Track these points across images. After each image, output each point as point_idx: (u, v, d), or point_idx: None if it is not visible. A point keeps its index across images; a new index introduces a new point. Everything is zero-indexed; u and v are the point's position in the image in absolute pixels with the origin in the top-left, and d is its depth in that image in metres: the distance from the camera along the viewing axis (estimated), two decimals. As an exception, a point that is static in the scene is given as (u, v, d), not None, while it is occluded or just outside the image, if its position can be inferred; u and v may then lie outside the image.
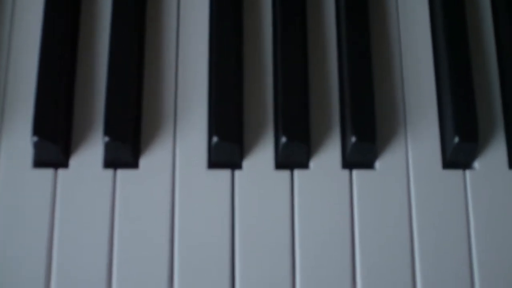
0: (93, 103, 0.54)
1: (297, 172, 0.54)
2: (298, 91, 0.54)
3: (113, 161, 0.53)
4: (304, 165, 0.54)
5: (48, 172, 0.53)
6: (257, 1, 0.58)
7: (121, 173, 0.53)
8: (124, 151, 0.52)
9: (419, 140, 0.55)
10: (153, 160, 0.53)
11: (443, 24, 0.56)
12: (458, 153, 0.53)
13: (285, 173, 0.54)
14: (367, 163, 0.54)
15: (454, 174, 0.54)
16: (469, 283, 0.52)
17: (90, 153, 0.53)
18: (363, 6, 0.56)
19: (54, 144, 0.52)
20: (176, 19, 0.57)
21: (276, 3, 0.57)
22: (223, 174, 0.53)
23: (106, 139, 0.51)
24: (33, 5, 0.57)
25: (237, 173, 0.53)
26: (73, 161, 0.53)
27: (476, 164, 0.55)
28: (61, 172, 0.53)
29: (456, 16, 0.56)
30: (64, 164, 0.53)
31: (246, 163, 0.54)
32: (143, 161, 0.53)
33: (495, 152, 0.55)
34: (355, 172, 0.54)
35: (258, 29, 0.57)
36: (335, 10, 0.58)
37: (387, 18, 0.58)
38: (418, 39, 0.58)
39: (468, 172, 0.54)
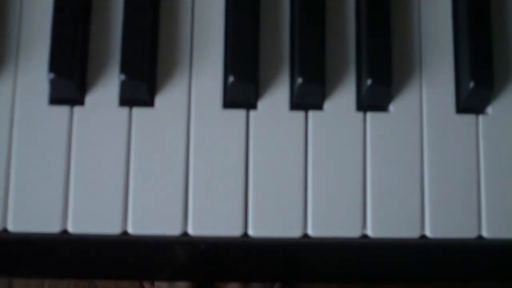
0: (109, 41, 0.54)
1: (311, 113, 0.54)
2: (314, 33, 0.53)
3: (129, 99, 0.53)
4: (319, 106, 0.54)
5: (64, 109, 0.53)
6: None
7: (137, 111, 0.53)
8: (140, 89, 0.52)
9: (433, 84, 0.55)
10: (169, 98, 0.54)
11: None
12: (473, 98, 0.54)
13: (300, 114, 0.54)
14: (382, 106, 0.54)
15: (467, 119, 0.55)
16: (476, 226, 0.53)
17: (106, 91, 0.54)
18: None
19: (70, 81, 0.52)
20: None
21: None
22: (238, 114, 0.54)
23: (122, 77, 0.51)
24: None
25: (252, 113, 0.54)
26: (89, 98, 0.53)
27: (489, 109, 0.55)
28: (77, 109, 0.53)
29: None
30: (80, 101, 0.53)
31: (261, 104, 0.54)
32: (158, 100, 0.54)
33: (509, 97, 0.55)
34: (369, 115, 0.54)
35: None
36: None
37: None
38: (437, -18, 0.57)
39: (481, 117, 0.55)
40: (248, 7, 0.54)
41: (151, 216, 0.52)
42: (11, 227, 0.52)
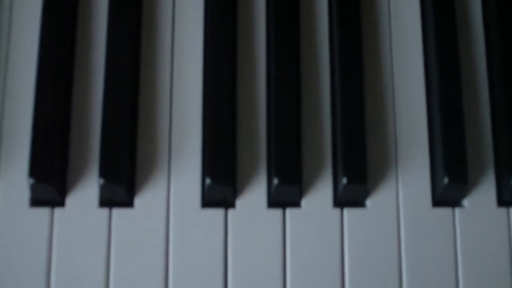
0: (88, 144, 0.55)
1: (289, 211, 0.55)
2: (291, 133, 0.54)
3: (108, 201, 0.54)
4: (296, 204, 0.55)
5: (45, 211, 0.54)
6: (250, 37, 0.59)
7: (117, 212, 0.54)
8: (119, 192, 0.53)
9: (409, 179, 0.56)
10: (148, 199, 0.54)
11: (435, 65, 0.56)
12: (448, 192, 0.54)
13: (278, 212, 0.55)
14: (358, 202, 0.55)
15: (444, 212, 0.55)
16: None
17: (86, 192, 0.54)
18: (356, 42, 0.57)
19: (50, 185, 0.53)
20: (171, 57, 0.58)
21: (270, 35, 0.58)
22: (217, 213, 0.54)
23: (102, 181, 0.52)
24: (27, 44, 0.57)
25: (231, 212, 0.54)
26: (70, 200, 0.54)
27: (466, 202, 0.56)
28: (57, 211, 0.54)
29: (449, 54, 0.56)
30: (61, 203, 0.54)
31: (239, 202, 0.55)
32: (138, 200, 0.54)
33: (485, 189, 0.56)
34: (346, 211, 0.55)
35: (251, 67, 0.58)
36: (329, 46, 0.58)
37: (379, 55, 0.59)
38: (411, 78, 0.58)
39: (457, 210, 0.55)
40: (224, 109, 0.55)
41: (133, 316, 0.53)
42: (-9, 333, 0.52)
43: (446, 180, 0.53)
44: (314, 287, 0.54)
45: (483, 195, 0.56)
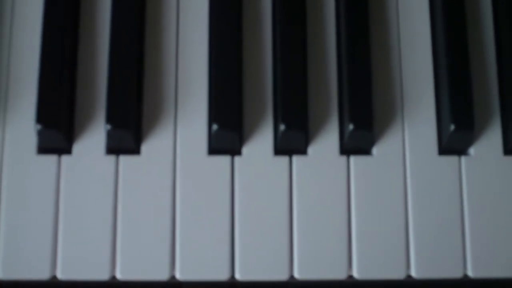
0: (95, 90, 0.55)
1: (295, 158, 0.55)
2: (297, 79, 0.54)
3: (115, 148, 0.54)
4: (303, 151, 0.55)
5: (52, 158, 0.54)
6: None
7: (123, 159, 0.54)
8: (126, 138, 0.53)
9: (415, 127, 0.56)
10: (155, 146, 0.55)
11: (441, 11, 0.56)
12: (454, 140, 0.54)
13: (284, 159, 0.55)
14: (364, 150, 0.55)
15: (450, 160, 0.55)
16: (461, 266, 0.54)
17: (93, 140, 0.55)
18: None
19: (57, 132, 0.53)
20: (176, 5, 0.58)
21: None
22: (223, 160, 0.54)
23: (108, 126, 0.52)
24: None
25: (237, 159, 0.55)
26: (76, 147, 0.54)
27: (472, 150, 0.56)
28: (64, 158, 0.54)
29: (455, 2, 0.56)
30: (68, 150, 0.54)
31: (245, 150, 0.55)
32: (144, 147, 0.55)
33: (491, 138, 0.56)
34: (352, 158, 0.55)
35: (257, 16, 0.58)
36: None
37: (385, 4, 0.58)
38: (417, 25, 0.58)
39: (463, 158, 0.55)
40: (231, 55, 0.55)
41: (139, 262, 0.53)
42: (0, 274, 0.53)
43: (452, 127, 0.54)
44: (320, 234, 0.54)
45: (489, 143, 0.56)
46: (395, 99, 0.56)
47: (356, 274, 0.54)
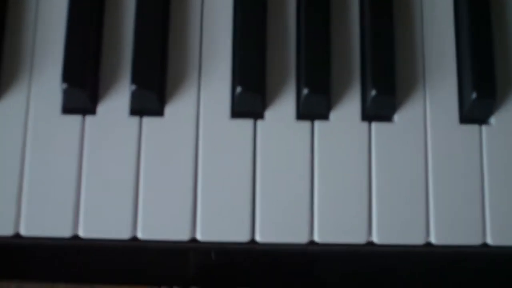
0: (121, 51, 0.56)
1: (317, 123, 0.55)
2: (320, 44, 0.55)
3: (139, 109, 0.55)
4: (325, 116, 0.55)
5: (76, 119, 0.55)
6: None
7: (147, 120, 0.55)
8: (150, 99, 0.54)
9: (437, 95, 0.56)
10: (178, 108, 0.55)
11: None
12: (475, 108, 0.55)
13: (306, 124, 0.55)
14: (386, 116, 0.56)
15: (471, 129, 0.56)
16: (481, 233, 0.54)
17: (117, 100, 0.55)
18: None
19: (82, 91, 0.53)
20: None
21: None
22: (246, 124, 0.55)
23: (133, 87, 0.53)
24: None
25: (259, 123, 0.55)
26: (101, 108, 0.55)
27: (493, 119, 0.56)
28: (88, 118, 0.55)
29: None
30: (92, 111, 0.55)
31: (268, 113, 0.55)
32: (168, 109, 0.55)
33: (511, 108, 0.56)
34: (374, 125, 0.55)
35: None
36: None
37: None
38: (439, -5, 0.58)
39: (484, 127, 0.56)
40: (255, 19, 0.55)
41: (161, 222, 0.53)
42: (23, 231, 0.53)
43: (474, 95, 0.54)
44: (342, 199, 0.54)
45: (509, 113, 0.56)
46: (417, 66, 0.57)
47: (375, 239, 0.54)
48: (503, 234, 0.54)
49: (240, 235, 0.54)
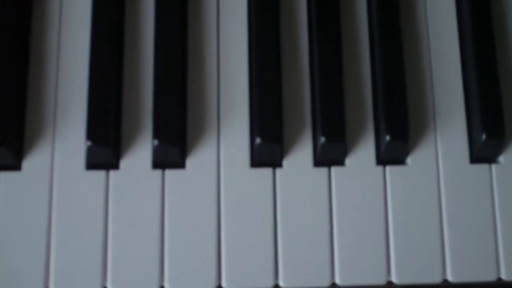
0: (141, 107, 0.57)
1: (334, 169, 0.57)
2: (335, 93, 0.57)
3: (161, 162, 0.56)
4: (341, 162, 0.57)
5: (100, 174, 0.56)
6: (293, 3, 0.61)
7: (169, 173, 0.56)
8: (172, 153, 0.56)
9: (447, 137, 0.58)
10: (199, 160, 0.57)
11: (470, 23, 0.59)
12: (485, 149, 0.57)
13: (323, 170, 0.57)
14: (400, 160, 0.58)
15: (481, 169, 0.58)
16: (495, 269, 0.56)
17: (139, 155, 0.57)
18: (394, 5, 0.59)
19: (106, 148, 0.55)
20: (216, 24, 0.60)
21: (312, 9, 0.60)
22: (265, 172, 0.57)
23: (156, 142, 0.55)
24: (82, 7, 0.59)
25: (278, 171, 0.57)
26: (124, 162, 0.57)
27: (501, 158, 0.58)
28: (112, 173, 0.56)
29: (482, 15, 0.59)
30: (115, 165, 0.56)
31: (286, 162, 0.57)
32: (189, 162, 0.57)
33: (519, 146, 0.59)
34: (388, 168, 0.57)
35: (294, 33, 0.60)
36: (367, 12, 0.61)
37: (416, 19, 0.61)
38: (446, 38, 0.60)
39: (494, 166, 0.58)
40: (271, 70, 0.57)
41: (186, 273, 0.55)
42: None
43: (484, 136, 0.56)
44: (360, 242, 0.56)
45: (517, 151, 0.59)
46: (427, 110, 0.59)
47: (394, 279, 0.56)
48: (517, 270, 0.56)
49: (264, 282, 0.55)
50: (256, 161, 0.57)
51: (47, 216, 0.55)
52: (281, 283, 0.55)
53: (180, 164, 0.57)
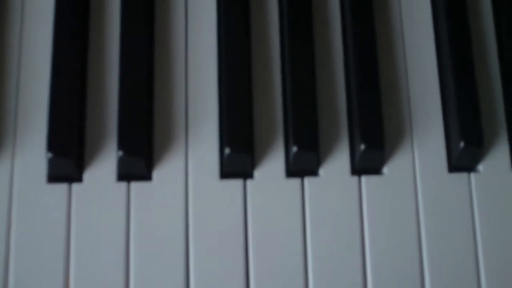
0: (105, 117, 0.55)
1: (307, 180, 0.55)
2: (307, 101, 0.55)
3: (126, 174, 0.54)
4: (314, 172, 0.55)
5: (62, 187, 0.54)
6: (264, 9, 0.59)
7: (135, 185, 0.54)
8: (138, 165, 0.53)
9: (425, 146, 0.56)
10: (166, 172, 0.54)
11: (446, 29, 0.57)
12: (463, 157, 0.55)
13: (296, 181, 0.55)
14: (375, 169, 0.56)
15: (459, 177, 0.56)
16: (476, 285, 0.54)
17: (104, 167, 0.54)
18: (369, 13, 0.57)
19: (68, 160, 0.52)
20: (184, 31, 0.58)
21: (284, 15, 0.58)
22: (235, 184, 0.54)
23: (120, 153, 0.52)
24: (42, 16, 0.57)
25: (249, 182, 0.55)
26: (87, 175, 0.54)
27: (480, 166, 0.56)
28: (75, 186, 0.54)
29: (459, 22, 0.57)
30: (78, 178, 0.54)
31: (257, 172, 0.55)
32: (156, 173, 0.54)
33: (498, 154, 0.57)
34: (363, 178, 0.55)
35: (265, 39, 0.58)
36: (341, 20, 0.59)
37: (391, 25, 0.59)
38: (422, 45, 0.59)
39: (472, 175, 0.56)
40: (241, 79, 0.55)
41: (153, 289, 0.53)
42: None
43: (462, 144, 0.54)
44: (335, 254, 0.54)
45: (497, 159, 0.56)
46: (404, 118, 0.57)
47: (371, 294, 0.54)
48: (497, 283, 0.54)
49: (235, 298, 0.53)
50: (226, 172, 0.55)
51: (5, 232, 0.53)
52: (253, 300, 0.53)
53: (147, 176, 0.54)
